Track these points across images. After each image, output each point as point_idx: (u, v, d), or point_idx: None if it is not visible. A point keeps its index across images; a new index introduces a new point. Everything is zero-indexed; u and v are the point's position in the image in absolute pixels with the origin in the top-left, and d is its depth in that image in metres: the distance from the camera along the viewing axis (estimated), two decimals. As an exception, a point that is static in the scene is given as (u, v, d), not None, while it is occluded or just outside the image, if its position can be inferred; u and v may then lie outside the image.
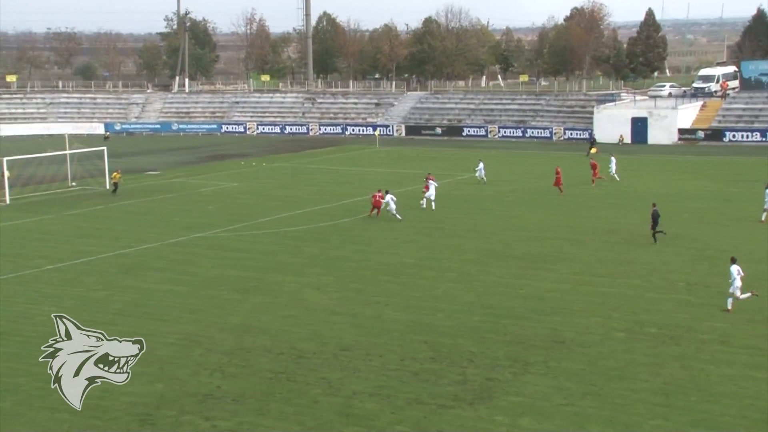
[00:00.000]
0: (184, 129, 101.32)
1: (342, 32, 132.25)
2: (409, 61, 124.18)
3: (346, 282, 31.34)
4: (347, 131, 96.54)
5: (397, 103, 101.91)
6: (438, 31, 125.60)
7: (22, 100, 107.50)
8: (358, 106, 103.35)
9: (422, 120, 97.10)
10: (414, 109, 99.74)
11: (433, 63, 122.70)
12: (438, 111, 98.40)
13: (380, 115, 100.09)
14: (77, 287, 30.94)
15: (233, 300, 29.10)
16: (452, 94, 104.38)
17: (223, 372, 22.30)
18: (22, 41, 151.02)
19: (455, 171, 62.59)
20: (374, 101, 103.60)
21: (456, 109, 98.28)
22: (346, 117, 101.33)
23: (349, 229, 41.48)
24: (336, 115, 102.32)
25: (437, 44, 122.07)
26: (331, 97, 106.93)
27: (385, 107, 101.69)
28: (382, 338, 24.84)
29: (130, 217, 45.07)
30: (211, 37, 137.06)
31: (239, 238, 39.52)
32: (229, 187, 56.37)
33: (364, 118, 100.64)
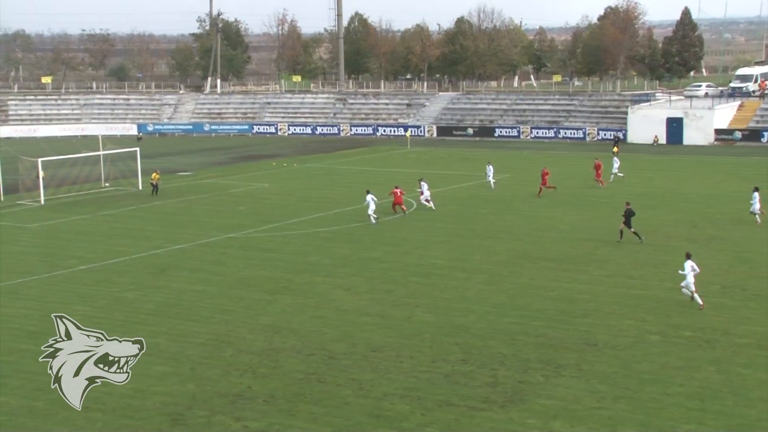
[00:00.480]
0: (215, 130, 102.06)
1: (373, 32, 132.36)
2: (441, 61, 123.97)
3: (376, 283, 31.36)
4: (378, 132, 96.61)
5: (428, 104, 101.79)
6: (470, 32, 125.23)
7: (57, 101, 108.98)
8: (390, 107, 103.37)
9: (454, 120, 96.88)
10: (446, 110, 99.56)
11: (465, 63, 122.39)
12: (470, 111, 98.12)
13: (411, 116, 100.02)
14: (110, 287, 31.29)
15: (264, 300, 29.24)
16: (484, 94, 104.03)
17: (253, 372, 22.42)
18: (57, 43, 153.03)
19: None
20: (405, 102, 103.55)
21: (488, 109, 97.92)
22: (377, 118, 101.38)
23: (380, 230, 41.49)
24: (367, 115, 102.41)
25: (469, 44, 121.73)
26: (362, 98, 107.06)
27: (416, 108, 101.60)
28: (412, 339, 24.82)
29: (162, 218, 45.48)
30: (243, 38, 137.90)
31: (270, 239, 39.72)
32: (260, 187, 56.66)
33: (396, 118, 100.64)
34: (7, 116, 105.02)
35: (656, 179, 56.66)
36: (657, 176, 57.33)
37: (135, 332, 25.63)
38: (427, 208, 45.88)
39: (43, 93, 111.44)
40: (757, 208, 40.31)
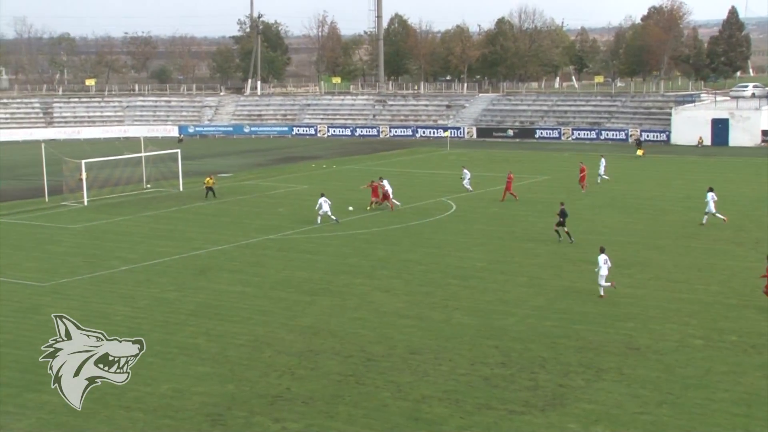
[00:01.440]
0: (255, 131, 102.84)
1: (413, 34, 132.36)
2: (481, 62, 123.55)
3: (415, 285, 31.34)
4: (418, 133, 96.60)
5: (468, 105, 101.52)
6: (511, 32, 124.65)
7: (100, 103, 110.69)
8: (429, 108, 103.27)
9: (494, 122, 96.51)
10: (486, 111, 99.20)
11: (505, 64, 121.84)
12: (510, 113, 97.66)
13: (451, 117, 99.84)
14: (151, 288, 31.68)
15: (303, 302, 29.38)
16: (525, 95, 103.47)
17: (292, 374, 22.53)
18: (100, 46, 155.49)
19: (527, 173, 62.02)
20: (445, 103, 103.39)
21: (528, 111, 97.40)
22: (416, 119, 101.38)
23: (420, 231, 41.47)
24: (407, 117, 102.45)
25: (510, 45, 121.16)
26: (401, 99, 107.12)
27: (456, 109, 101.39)
28: (451, 342, 24.76)
29: (203, 219, 45.93)
30: (283, 40, 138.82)
31: (309, 240, 39.91)
32: (299, 189, 56.96)
33: (435, 120, 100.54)
34: (52, 118, 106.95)
35: (701, 182, 55.80)
36: (702, 179, 56.47)
37: (175, 333, 25.95)
38: (382, 208, 46.65)
39: (87, 95, 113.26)
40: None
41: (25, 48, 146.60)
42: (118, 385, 21.40)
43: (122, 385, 21.40)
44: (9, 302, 29.81)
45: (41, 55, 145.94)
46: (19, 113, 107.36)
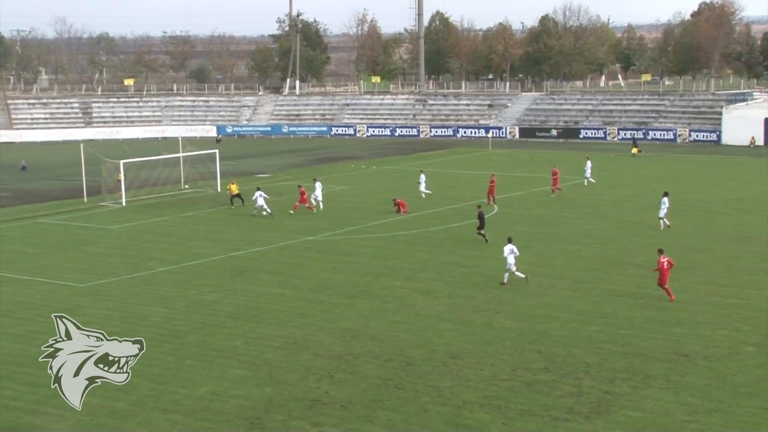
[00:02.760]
0: (294, 131, 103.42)
1: (455, 32, 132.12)
2: (524, 60, 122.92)
3: (456, 288, 31.28)
4: (459, 133, 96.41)
5: (510, 105, 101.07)
6: (555, 30, 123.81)
7: (139, 103, 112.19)
8: (471, 108, 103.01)
9: (537, 122, 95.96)
10: (529, 111, 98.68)
11: (549, 63, 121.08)
12: (554, 112, 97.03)
13: (493, 117, 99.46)
14: (189, 289, 32.02)
15: (342, 304, 29.48)
16: (569, 94, 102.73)
17: (331, 377, 22.62)
18: (139, 45, 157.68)
19: (571, 175, 61.55)
20: (487, 102, 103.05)
21: (573, 110, 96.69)
22: (457, 119, 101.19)
23: (461, 233, 41.37)
24: (447, 116, 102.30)
25: (554, 43, 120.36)
26: (442, 99, 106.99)
27: (498, 108, 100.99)
28: (493, 346, 24.67)
29: (241, 220, 46.29)
30: (322, 39, 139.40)
31: (348, 242, 40.02)
32: (338, 190, 57.14)
33: (477, 119, 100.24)
34: (91, 118, 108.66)
35: (754, 183, 54.95)
36: (754, 179, 55.61)
37: (213, 335, 26.20)
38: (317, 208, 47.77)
39: (126, 95, 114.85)
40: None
41: (65, 48, 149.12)
42: (158, 387, 21.83)
43: (161, 387, 21.83)
44: (49, 303, 30.33)
45: (81, 54, 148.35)
46: (59, 113, 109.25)
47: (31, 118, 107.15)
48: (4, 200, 56.49)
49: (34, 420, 20.22)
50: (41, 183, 65.41)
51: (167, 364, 23.72)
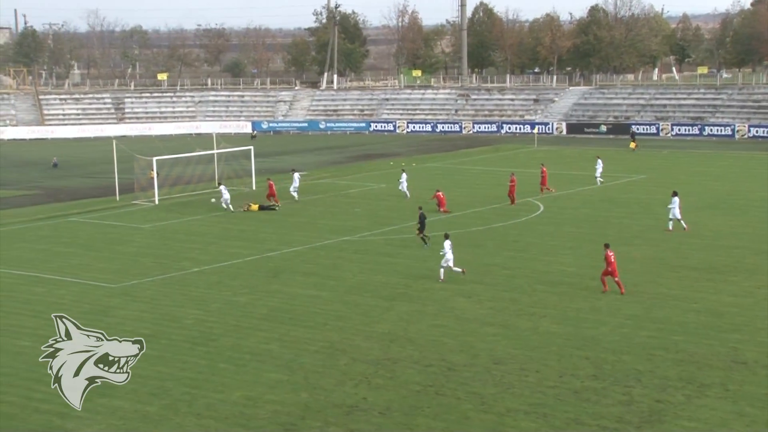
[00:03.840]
0: (331, 127, 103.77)
1: (499, 23, 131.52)
2: (573, 53, 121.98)
3: (499, 291, 31.16)
4: (503, 129, 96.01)
5: (558, 99, 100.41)
6: (605, 20, 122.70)
7: (172, 98, 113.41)
8: (515, 103, 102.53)
9: (585, 117, 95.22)
10: (577, 106, 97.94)
11: (599, 55, 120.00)
12: (603, 107, 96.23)
13: (539, 112, 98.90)
14: (223, 290, 32.27)
15: (380, 307, 29.51)
16: (620, 88, 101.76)
17: (369, 383, 22.65)
18: (173, 38, 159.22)
19: (622, 172, 61.01)
20: (533, 97, 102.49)
21: (623, 105, 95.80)
22: (502, 114, 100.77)
23: (504, 233, 41.19)
24: (491, 112, 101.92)
25: (604, 35, 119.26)
26: (486, 93, 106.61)
27: (544, 103, 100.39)
28: (538, 352, 24.53)
29: (276, 220, 46.55)
30: (361, 31, 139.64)
31: (387, 242, 40.04)
32: (377, 188, 57.20)
33: (522, 115, 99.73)
34: (124, 114, 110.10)
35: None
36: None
37: (247, 337, 26.38)
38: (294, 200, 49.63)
39: (159, 90, 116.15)
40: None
41: (97, 41, 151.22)
42: (190, 391, 22.03)
43: (193, 391, 22.03)
44: (80, 304, 30.78)
45: (113, 48, 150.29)
46: (91, 109, 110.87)
47: (62, 114, 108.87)
48: (35, 198, 57.46)
49: (65, 423, 20.52)
50: (73, 180, 66.42)
51: (200, 367, 23.93)
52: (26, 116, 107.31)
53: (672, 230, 39.99)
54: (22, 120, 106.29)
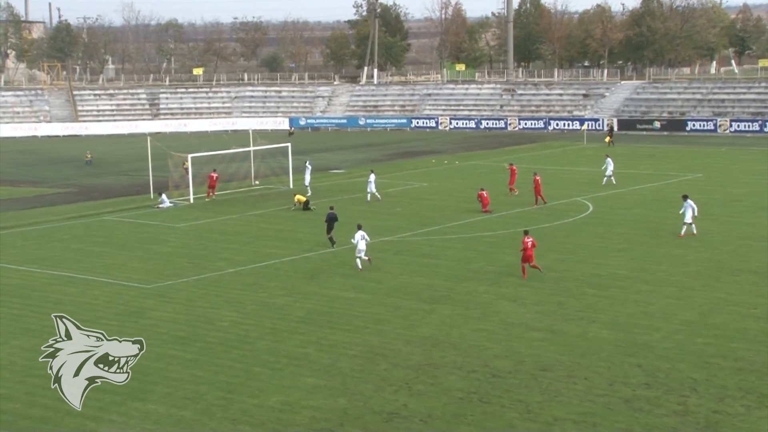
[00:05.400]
0: (371, 124, 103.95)
1: (547, 15, 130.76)
2: (625, 45, 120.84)
3: (546, 294, 31.00)
4: (550, 126, 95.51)
5: (608, 94, 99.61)
6: (660, 11, 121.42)
7: (208, 93, 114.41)
8: (564, 98, 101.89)
9: (638, 113, 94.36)
10: (628, 101, 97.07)
11: (652, 48, 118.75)
12: (657, 102, 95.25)
13: (589, 108, 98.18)
14: (259, 292, 32.49)
15: (421, 310, 29.50)
16: (674, 82, 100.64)
17: (409, 389, 22.65)
18: (209, 32, 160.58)
19: (676, 171, 60.33)
20: (582, 92, 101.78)
21: (679, 100, 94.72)
22: (549, 110, 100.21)
23: (551, 234, 40.96)
24: (538, 107, 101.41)
25: (658, 26, 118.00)
26: (533, 88, 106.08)
27: (594, 99, 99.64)
28: (587, 359, 24.36)
29: (314, 219, 46.70)
30: (403, 24, 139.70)
31: (429, 243, 40.01)
32: (418, 187, 57.18)
33: (570, 111, 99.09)
34: (158, 110, 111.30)
35: None
36: None
37: (284, 341, 26.52)
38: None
39: (194, 85, 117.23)
40: None
41: (132, 35, 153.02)
42: (226, 395, 22.20)
43: (229, 396, 22.20)
44: (113, 305, 31.18)
45: (148, 42, 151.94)
46: (125, 105, 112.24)
47: (96, 110, 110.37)
48: (69, 196, 58.31)
49: (98, 427, 20.80)
50: (106, 178, 67.31)
51: (235, 371, 24.11)
52: (60, 112, 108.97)
53: (686, 235, 39.24)
54: (56, 116, 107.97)
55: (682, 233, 39.27)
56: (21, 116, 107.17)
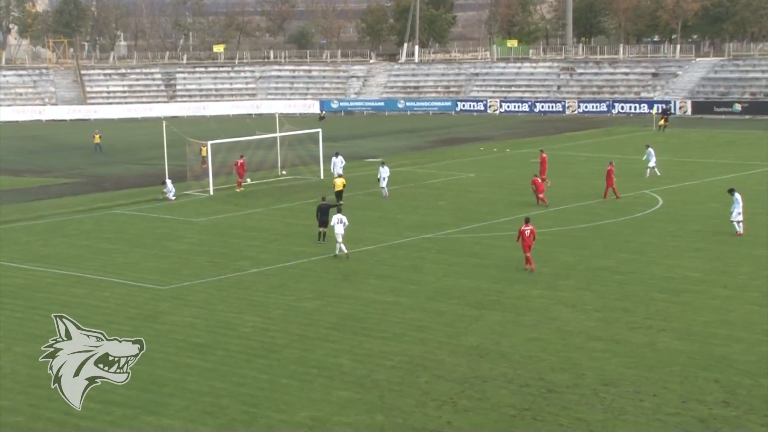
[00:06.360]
0: (411, 107, 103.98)
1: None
2: (701, 17, 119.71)
3: (609, 299, 30.84)
4: (614, 109, 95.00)
5: (681, 73, 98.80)
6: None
7: (230, 73, 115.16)
8: (630, 78, 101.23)
9: (716, 94, 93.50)
10: (705, 81, 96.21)
11: (733, 20, 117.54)
12: (737, 82, 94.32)
13: (659, 89, 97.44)
14: (285, 295, 32.61)
15: (467, 317, 29.47)
16: (758, 59, 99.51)
17: (454, 404, 22.63)
18: (231, 5, 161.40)
19: (759, 160, 59.61)
20: (651, 71, 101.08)
21: (762, 79, 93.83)
22: (613, 91, 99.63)
23: (616, 232, 40.70)
24: (600, 88, 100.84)
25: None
26: (594, 67, 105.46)
27: (665, 78, 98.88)
28: (656, 372, 24.20)
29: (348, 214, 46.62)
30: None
31: (475, 241, 39.93)
32: (464, 178, 57.07)
33: (638, 92, 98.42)
34: (175, 92, 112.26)
35: None
36: None
37: (314, 350, 26.61)
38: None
39: (215, 64, 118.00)
40: None
41: (147, 8, 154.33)
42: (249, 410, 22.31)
43: (252, 410, 22.31)
44: (125, 308, 31.47)
45: (164, 16, 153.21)
46: (138, 85, 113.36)
47: (107, 92, 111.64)
48: (76, 187, 58.99)
49: (106, 443, 21.00)
50: (117, 167, 67.98)
51: (260, 383, 24.22)
52: (66, 94, 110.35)
53: (742, 233, 38.82)
54: (62, 98, 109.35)
55: (739, 231, 38.87)
56: (24, 98, 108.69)
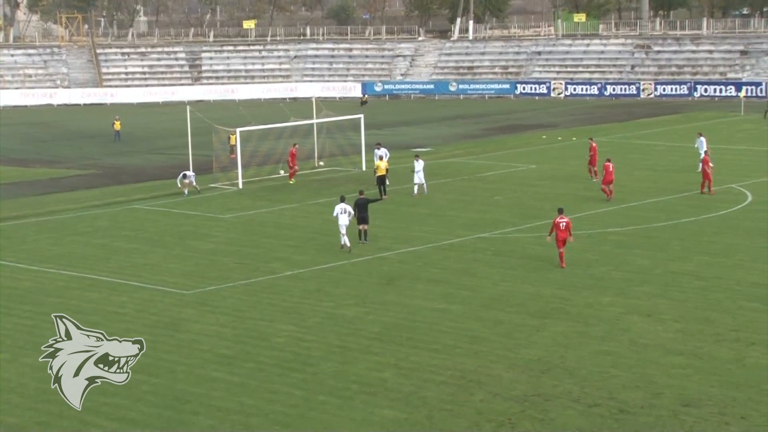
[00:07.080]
0: (465, 90, 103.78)
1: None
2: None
3: (690, 308, 30.60)
4: (696, 92, 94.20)
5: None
6: None
7: (261, 52, 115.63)
8: (714, 56, 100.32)
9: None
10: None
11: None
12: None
13: (748, 69, 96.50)
14: (323, 301, 32.66)
15: (528, 327, 29.35)
16: None
17: (512, 426, 22.56)
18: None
19: None
20: (739, 48, 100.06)
21: None
22: (695, 72, 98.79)
23: (697, 232, 40.38)
24: (680, 68, 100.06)
25: None
26: (673, 44, 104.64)
27: (755, 57, 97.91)
28: (744, 392, 23.96)
29: (391, 210, 46.78)
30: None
31: (537, 241, 39.74)
32: (524, 170, 56.87)
33: (724, 73, 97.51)
34: (200, 73, 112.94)
35: None
36: None
37: (355, 362, 26.62)
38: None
39: (244, 42, 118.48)
40: None
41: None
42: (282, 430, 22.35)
43: (286, 430, 22.35)
44: (145, 314, 31.69)
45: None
46: (160, 66, 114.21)
47: (125, 73, 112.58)
48: (91, 179, 59.57)
49: (124, 466, 21.18)
50: (136, 157, 68.53)
51: (294, 399, 24.27)
52: (80, 75, 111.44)
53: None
54: (76, 80, 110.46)
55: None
56: (33, 80, 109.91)
